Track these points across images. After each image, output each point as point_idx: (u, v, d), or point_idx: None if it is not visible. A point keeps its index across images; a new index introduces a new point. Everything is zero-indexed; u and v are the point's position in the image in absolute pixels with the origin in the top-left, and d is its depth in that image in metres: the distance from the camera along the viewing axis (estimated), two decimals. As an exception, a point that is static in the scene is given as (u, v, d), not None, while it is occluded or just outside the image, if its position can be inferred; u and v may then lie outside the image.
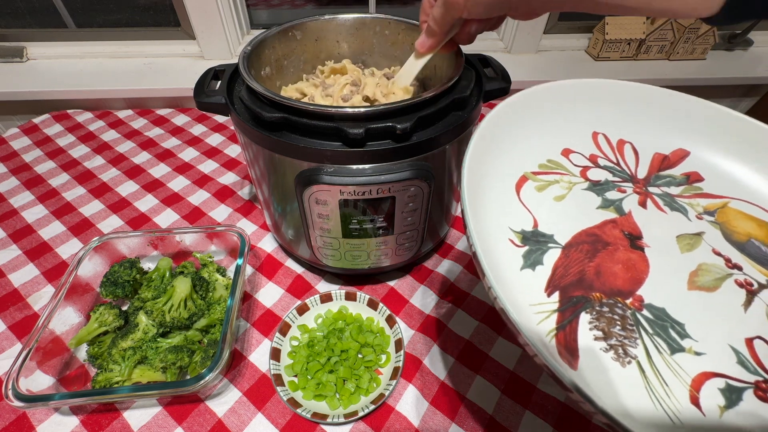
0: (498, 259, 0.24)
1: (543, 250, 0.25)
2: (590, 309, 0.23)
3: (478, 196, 0.26)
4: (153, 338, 0.45)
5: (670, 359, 0.21)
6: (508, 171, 0.30)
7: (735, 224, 0.28)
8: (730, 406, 0.20)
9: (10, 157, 0.74)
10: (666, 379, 0.20)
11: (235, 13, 0.96)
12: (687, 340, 0.22)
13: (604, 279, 0.24)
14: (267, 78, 0.50)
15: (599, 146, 0.33)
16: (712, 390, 0.20)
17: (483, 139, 0.28)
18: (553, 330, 0.22)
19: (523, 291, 0.23)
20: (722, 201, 0.29)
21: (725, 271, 0.25)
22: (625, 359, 0.21)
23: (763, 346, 0.22)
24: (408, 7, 1.09)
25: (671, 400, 0.20)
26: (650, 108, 0.34)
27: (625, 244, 0.26)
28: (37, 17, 0.96)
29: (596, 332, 0.22)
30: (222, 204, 0.66)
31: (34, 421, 0.42)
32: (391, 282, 0.54)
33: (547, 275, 0.24)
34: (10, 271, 0.55)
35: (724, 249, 0.26)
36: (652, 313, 0.23)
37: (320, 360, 0.44)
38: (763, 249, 0.26)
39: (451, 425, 0.42)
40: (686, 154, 0.33)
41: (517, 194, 0.28)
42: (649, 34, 0.97)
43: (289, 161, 0.39)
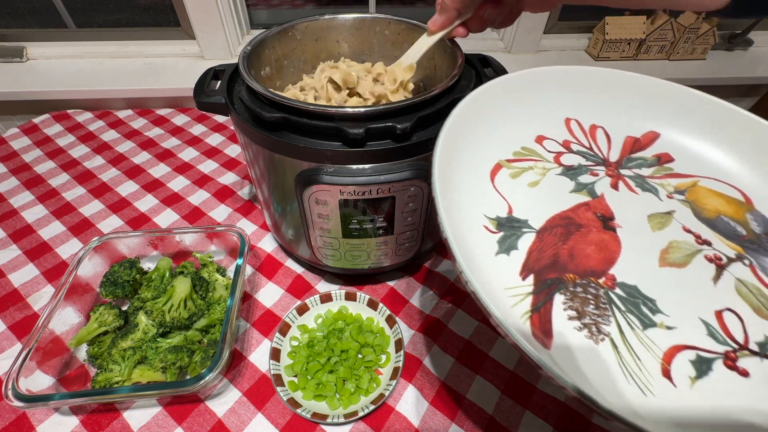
0: (473, 245, 0.24)
1: (517, 235, 0.26)
2: (564, 290, 0.23)
3: (453, 186, 0.26)
4: (153, 338, 0.45)
5: (642, 334, 0.22)
6: (482, 160, 0.30)
7: (704, 202, 0.29)
8: (701, 377, 0.20)
9: (10, 157, 0.74)
10: (638, 353, 0.21)
11: (235, 13, 0.96)
12: (658, 316, 0.23)
13: (578, 260, 0.25)
14: (267, 78, 0.50)
15: (572, 132, 0.34)
16: (683, 362, 0.21)
17: (455, 129, 0.28)
18: (528, 312, 0.22)
19: (498, 276, 0.24)
20: (692, 180, 0.30)
21: (695, 247, 0.26)
22: (598, 337, 0.22)
23: (732, 317, 0.23)
24: (408, 7, 1.09)
25: (643, 373, 0.20)
26: (622, 92, 0.34)
27: (597, 225, 0.27)
28: (37, 17, 0.96)
29: (570, 312, 0.22)
30: (222, 204, 0.66)
31: (34, 421, 0.42)
32: (391, 282, 0.54)
33: (522, 259, 0.25)
34: (10, 271, 0.55)
35: (694, 226, 0.27)
36: (625, 291, 0.24)
37: (320, 360, 0.44)
38: (731, 224, 0.27)
39: (451, 425, 0.42)
40: (657, 136, 0.33)
41: (491, 182, 0.29)
42: (649, 34, 0.97)
43: (289, 161, 0.39)
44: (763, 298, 0.24)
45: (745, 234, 0.27)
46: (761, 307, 0.23)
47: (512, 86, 0.33)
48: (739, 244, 0.26)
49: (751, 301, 0.23)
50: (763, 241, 0.26)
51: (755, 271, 0.25)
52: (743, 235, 0.27)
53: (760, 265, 0.25)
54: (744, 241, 0.26)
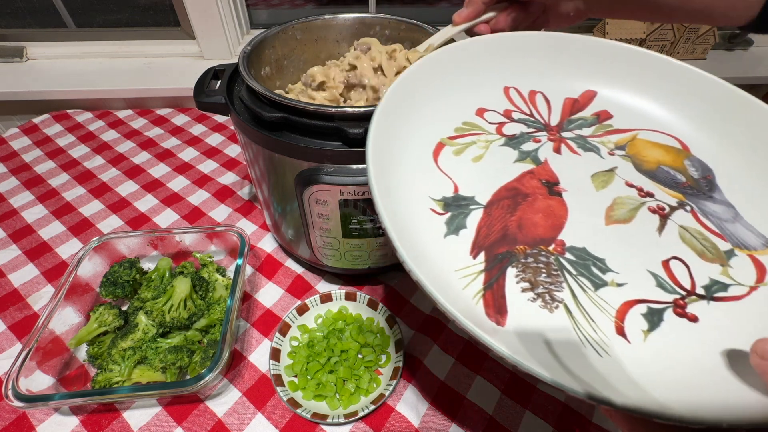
0: (421, 230, 0.24)
1: (465, 213, 0.26)
2: (516, 263, 0.23)
3: (394, 170, 0.26)
4: (153, 338, 0.45)
5: (595, 295, 0.22)
6: (423, 140, 0.29)
7: (644, 154, 0.29)
8: (653, 329, 0.21)
9: (10, 157, 0.74)
10: (592, 315, 0.21)
11: (235, 13, 0.96)
12: (609, 274, 0.23)
13: (526, 231, 0.25)
14: (267, 78, 0.50)
15: (512, 100, 0.33)
16: (636, 317, 0.21)
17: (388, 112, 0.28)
18: (480, 291, 0.22)
19: (449, 258, 0.23)
20: (631, 134, 0.31)
21: (639, 200, 0.26)
22: (552, 305, 0.22)
23: (678, 265, 0.23)
24: (408, 7, 1.09)
25: (598, 335, 0.20)
26: (555, 55, 0.34)
27: (543, 192, 0.27)
28: (37, 17, 0.96)
29: (523, 284, 0.22)
30: (222, 204, 0.66)
31: (34, 421, 0.42)
32: (391, 282, 0.54)
33: (472, 237, 0.24)
34: (10, 271, 0.55)
35: (636, 180, 0.28)
36: (574, 254, 0.24)
37: (320, 360, 0.44)
38: (671, 173, 0.28)
39: (451, 425, 0.42)
40: (594, 94, 0.34)
41: (435, 162, 0.28)
42: (649, 34, 0.97)
43: (289, 161, 0.39)
44: (706, 241, 0.24)
45: (685, 181, 0.27)
46: (704, 250, 0.24)
47: (446, 62, 0.33)
48: (679, 192, 0.27)
49: (694, 246, 0.24)
50: (702, 185, 0.27)
51: (696, 216, 0.25)
52: (683, 182, 0.27)
53: (701, 209, 0.26)
54: (684, 187, 0.27)
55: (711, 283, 0.22)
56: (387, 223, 0.21)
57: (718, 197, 0.26)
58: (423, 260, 0.21)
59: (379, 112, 0.27)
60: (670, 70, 0.32)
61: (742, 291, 0.22)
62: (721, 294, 0.22)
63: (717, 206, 0.26)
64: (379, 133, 0.26)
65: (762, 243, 0.24)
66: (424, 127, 0.30)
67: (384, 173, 0.24)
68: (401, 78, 0.30)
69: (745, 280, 0.22)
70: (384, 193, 0.23)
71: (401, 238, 0.21)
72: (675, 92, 0.32)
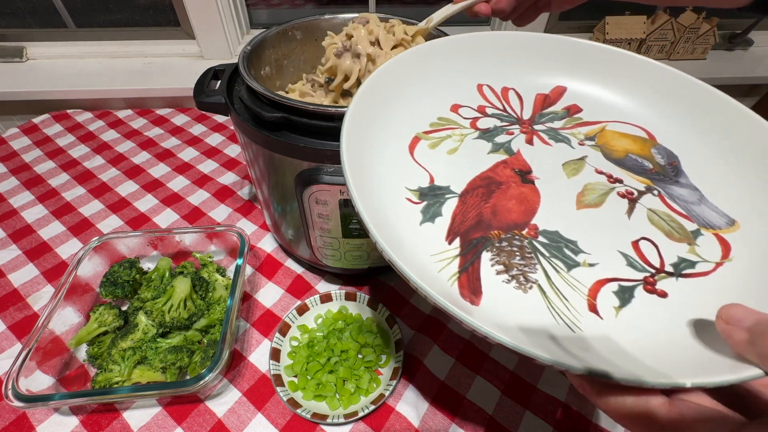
0: (396, 218, 0.25)
1: (441, 201, 0.26)
2: (491, 247, 0.24)
3: (370, 163, 0.27)
4: (153, 338, 0.45)
5: (568, 275, 0.23)
6: (399, 134, 0.30)
7: (613, 144, 0.30)
8: (624, 305, 0.21)
9: (10, 157, 0.74)
10: (565, 294, 0.22)
11: (235, 13, 0.96)
12: (581, 255, 0.24)
13: (501, 216, 0.26)
14: (267, 78, 0.50)
15: (485, 97, 0.34)
16: (607, 295, 0.22)
17: (363, 107, 0.28)
18: (456, 274, 0.23)
19: (424, 244, 0.24)
20: (600, 126, 0.32)
21: (608, 186, 0.27)
22: (526, 285, 0.22)
23: (647, 245, 0.24)
24: (408, 7, 1.09)
25: (571, 312, 0.21)
26: (526, 53, 0.36)
27: (516, 180, 0.28)
28: (37, 17, 0.96)
29: (498, 267, 0.23)
30: (222, 204, 0.66)
31: (34, 421, 0.42)
32: (391, 282, 0.54)
33: (447, 224, 0.25)
34: (10, 271, 0.55)
35: (605, 167, 0.29)
36: (547, 237, 0.25)
37: (320, 360, 0.44)
38: (639, 161, 0.29)
39: (451, 425, 0.42)
40: (564, 89, 0.35)
41: (411, 155, 0.29)
42: (649, 34, 0.97)
43: (289, 161, 0.39)
44: (673, 222, 0.25)
45: (652, 167, 0.29)
46: (672, 231, 0.25)
47: (419, 60, 0.34)
48: (647, 177, 0.28)
49: (662, 227, 0.25)
50: (668, 171, 0.28)
51: (663, 199, 0.27)
52: (650, 168, 0.29)
53: (668, 193, 0.27)
54: (651, 173, 0.28)
55: (679, 260, 0.23)
56: (360, 207, 0.22)
57: (683, 181, 0.28)
58: (399, 246, 0.21)
59: (354, 105, 0.28)
60: (635, 65, 0.33)
61: (709, 267, 0.23)
62: (689, 270, 0.23)
63: (683, 190, 0.27)
64: (354, 126, 0.27)
65: (726, 222, 0.25)
66: (400, 121, 0.31)
67: (359, 165, 0.25)
68: (375, 73, 0.31)
69: (711, 257, 0.24)
70: (359, 183, 0.23)
71: (377, 225, 0.21)
72: (640, 85, 0.33)
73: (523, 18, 0.42)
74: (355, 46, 0.41)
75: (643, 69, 0.33)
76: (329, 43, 0.43)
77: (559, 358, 0.16)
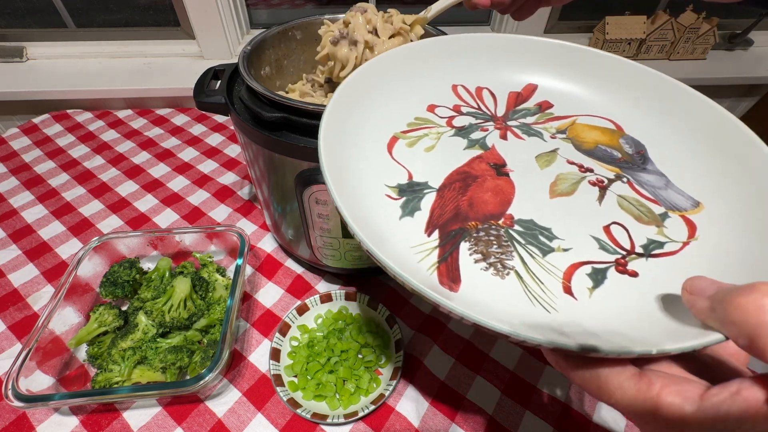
0: (376, 214, 0.26)
1: (419, 197, 0.27)
2: (468, 237, 0.25)
3: (349, 162, 0.28)
4: (153, 338, 0.45)
5: (543, 261, 0.24)
6: (377, 134, 0.32)
7: (583, 136, 0.32)
8: (597, 286, 0.22)
9: (10, 157, 0.74)
10: (541, 278, 0.23)
11: (235, 13, 0.96)
12: (555, 241, 0.25)
13: (477, 208, 0.27)
14: (267, 78, 0.50)
15: (460, 96, 0.36)
16: (581, 277, 0.23)
17: (340, 109, 0.29)
18: (435, 264, 0.24)
19: (404, 237, 0.25)
20: (570, 120, 0.33)
21: (579, 175, 0.29)
22: (503, 272, 0.23)
23: (618, 229, 0.25)
24: (408, 7, 1.09)
25: (547, 295, 0.22)
26: (498, 53, 0.37)
27: (491, 174, 0.29)
28: (37, 17, 0.96)
29: (476, 256, 0.24)
30: (222, 204, 0.66)
31: (34, 421, 0.42)
32: (391, 282, 0.54)
33: (426, 218, 0.26)
34: (10, 271, 0.55)
35: (576, 158, 0.30)
36: (522, 226, 0.26)
37: (320, 360, 0.44)
38: (608, 150, 0.31)
39: (451, 425, 0.42)
40: (535, 87, 0.36)
41: (389, 154, 0.30)
42: (649, 34, 0.97)
43: (289, 161, 0.39)
44: (642, 207, 0.27)
45: (621, 156, 0.30)
46: (641, 215, 0.26)
47: (396, 62, 0.35)
48: (616, 166, 0.29)
49: (632, 211, 0.26)
50: (636, 159, 0.30)
51: (632, 186, 0.28)
52: (619, 157, 0.30)
53: (636, 180, 0.28)
54: (620, 162, 0.30)
55: (648, 242, 0.25)
56: (338, 200, 0.23)
57: (651, 168, 0.29)
58: (378, 240, 0.22)
59: (332, 105, 0.29)
60: (601, 61, 0.35)
61: (676, 247, 0.24)
62: (658, 251, 0.24)
63: (650, 176, 0.29)
64: (332, 125, 0.28)
65: (691, 204, 0.27)
66: (378, 121, 0.32)
67: (338, 163, 0.26)
68: (353, 75, 0.32)
69: (678, 237, 0.25)
70: (337, 178, 0.24)
71: (355, 219, 0.22)
72: (606, 79, 0.35)
73: (521, 11, 0.42)
74: (352, 33, 0.40)
75: (609, 64, 0.35)
76: (326, 30, 0.43)
77: (549, 337, 0.17)
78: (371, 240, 0.21)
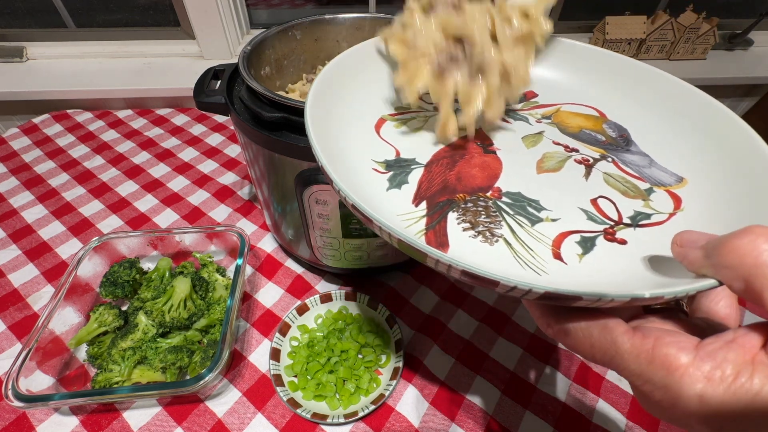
0: (363, 185, 0.26)
1: (407, 171, 0.28)
2: (456, 208, 0.26)
3: (336, 139, 0.28)
4: (153, 338, 0.45)
5: (532, 230, 0.24)
6: (365, 115, 0.32)
7: (568, 122, 0.33)
8: (587, 252, 0.23)
9: (10, 157, 0.74)
10: (530, 245, 0.23)
11: (235, 13, 0.96)
12: (543, 212, 0.25)
13: (465, 182, 0.27)
14: (267, 78, 0.50)
15: None
16: (571, 244, 0.24)
17: (326, 88, 0.30)
18: (423, 230, 0.24)
19: (391, 206, 0.25)
20: (555, 107, 0.34)
21: (565, 154, 0.30)
22: (492, 239, 0.24)
23: (605, 202, 0.26)
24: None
25: (536, 260, 0.23)
26: None
27: (479, 151, 0.30)
28: (37, 17, 0.96)
29: (464, 224, 0.25)
30: (222, 204, 0.66)
31: (34, 421, 0.42)
32: (391, 282, 0.54)
33: (413, 190, 0.27)
34: (10, 271, 0.55)
35: (562, 140, 0.31)
36: (510, 197, 0.26)
37: (320, 360, 0.44)
38: (593, 134, 0.32)
39: (451, 425, 0.42)
40: None
41: (377, 133, 0.31)
42: (649, 34, 0.97)
43: (289, 161, 0.39)
44: (628, 183, 0.27)
45: (605, 139, 0.31)
46: (627, 190, 0.27)
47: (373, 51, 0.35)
48: (601, 147, 0.30)
49: (618, 187, 0.27)
50: (620, 141, 0.31)
51: (618, 165, 0.29)
52: (603, 140, 0.31)
53: (621, 159, 0.29)
54: (605, 144, 0.31)
55: (635, 213, 0.25)
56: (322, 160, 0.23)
57: (634, 149, 0.30)
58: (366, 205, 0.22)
59: (318, 83, 0.29)
60: (582, 52, 0.36)
61: (663, 217, 0.25)
62: (645, 221, 0.25)
63: (634, 156, 0.30)
64: (319, 101, 0.28)
65: (675, 180, 0.28)
66: (365, 102, 0.33)
67: (325, 136, 0.27)
68: (341, 56, 0.32)
69: (664, 209, 0.26)
70: (324, 146, 0.25)
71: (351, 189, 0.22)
72: (588, 68, 0.36)
73: None
74: (476, 51, 0.27)
75: (590, 55, 0.36)
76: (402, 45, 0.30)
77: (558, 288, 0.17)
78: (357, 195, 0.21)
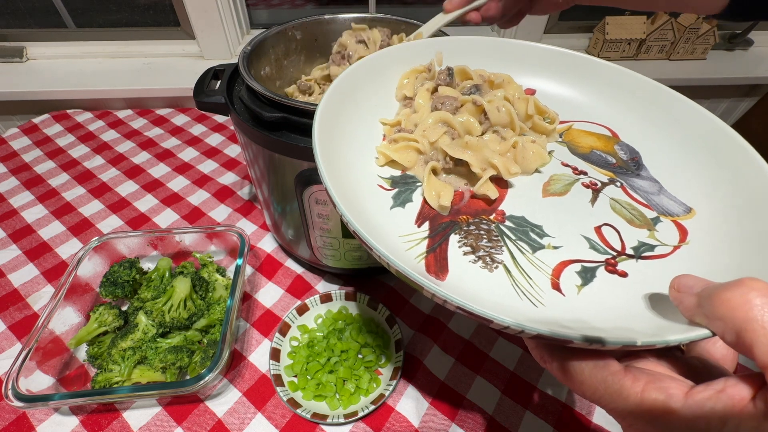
0: (368, 202, 0.26)
1: (412, 189, 0.28)
2: (458, 230, 0.25)
3: (343, 152, 0.28)
4: (153, 338, 0.45)
5: (533, 257, 0.24)
6: (372, 128, 0.32)
7: (579, 141, 0.32)
8: (586, 284, 0.22)
9: (10, 157, 0.74)
10: (530, 274, 0.23)
11: (235, 13, 0.96)
12: (545, 239, 0.25)
13: (469, 203, 0.27)
14: (267, 78, 0.50)
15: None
16: (570, 274, 0.23)
17: (334, 101, 0.30)
18: (423, 253, 0.24)
19: (394, 226, 0.25)
20: (567, 125, 0.33)
21: (573, 177, 0.29)
22: (492, 265, 0.23)
23: (609, 230, 0.26)
24: (408, 7, 1.09)
25: (534, 290, 0.22)
26: (500, 57, 0.37)
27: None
28: (37, 17, 0.96)
29: (465, 248, 0.24)
30: (222, 204, 0.66)
31: (34, 421, 0.42)
32: (391, 282, 0.54)
33: (417, 209, 0.26)
34: (10, 271, 0.55)
35: (571, 161, 0.30)
36: (514, 222, 0.26)
37: (320, 360, 0.44)
38: (603, 156, 0.31)
39: (451, 425, 0.42)
40: (533, 91, 0.37)
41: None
42: (649, 34, 0.97)
43: (289, 161, 0.39)
44: (635, 211, 0.27)
45: (615, 162, 0.30)
46: (633, 218, 0.26)
47: (392, 59, 0.35)
48: (610, 170, 0.30)
49: (624, 214, 0.27)
50: (630, 165, 0.30)
51: (626, 190, 0.28)
52: (613, 162, 0.30)
53: (630, 184, 0.29)
54: (614, 167, 0.30)
55: (639, 244, 0.25)
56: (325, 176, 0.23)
57: (644, 174, 0.29)
58: (368, 226, 0.22)
59: (327, 98, 0.29)
60: (597, 68, 0.35)
61: (667, 250, 0.24)
62: (649, 253, 0.24)
63: (644, 182, 0.29)
64: (327, 115, 0.28)
65: (683, 210, 0.27)
66: (372, 116, 0.32)
67: (330, 150, 0.26)
68: (350, 68, 0.32)
69: (669, 241, 0.25)
70: (328, 161, 0.25)
71: (343, 201, 0.22)
72: (603, 86, 0.35)
73: (509, 22, 0.44)
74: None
75: (605, 72, 0.35)
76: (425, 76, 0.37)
77: (551, 330, 0.17)
78: (358, 221, 0.21)
